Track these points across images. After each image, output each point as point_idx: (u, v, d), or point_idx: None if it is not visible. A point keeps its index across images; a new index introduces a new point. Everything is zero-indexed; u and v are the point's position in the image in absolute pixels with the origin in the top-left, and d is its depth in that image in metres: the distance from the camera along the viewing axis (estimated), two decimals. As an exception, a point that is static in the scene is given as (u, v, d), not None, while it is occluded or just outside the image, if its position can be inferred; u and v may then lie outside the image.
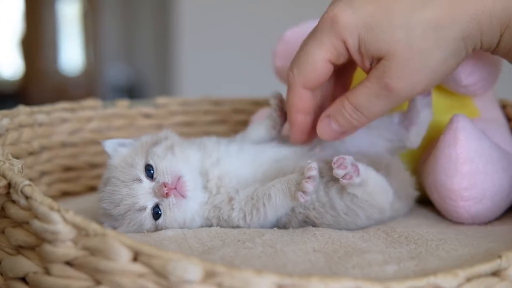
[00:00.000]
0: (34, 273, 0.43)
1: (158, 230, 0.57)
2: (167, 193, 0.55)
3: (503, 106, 0.75)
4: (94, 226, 0.40)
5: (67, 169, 0.83)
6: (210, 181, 0.59)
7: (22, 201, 0.43)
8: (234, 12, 2.36)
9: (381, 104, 0.54)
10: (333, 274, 0.43)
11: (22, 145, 0.71)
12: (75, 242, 0.40)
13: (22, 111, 0.73)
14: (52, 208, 0.41)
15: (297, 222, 0.58)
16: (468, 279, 0.39)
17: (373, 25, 0.51)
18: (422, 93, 0.54)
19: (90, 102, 0.86)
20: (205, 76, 2.28)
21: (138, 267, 0.38)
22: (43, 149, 0.78)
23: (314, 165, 0.53)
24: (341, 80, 0.61)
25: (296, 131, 0.60)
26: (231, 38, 2.21)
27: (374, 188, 0.55)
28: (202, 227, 0.58)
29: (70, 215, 0.40)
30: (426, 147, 0.68)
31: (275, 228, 0.58)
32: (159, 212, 0.56)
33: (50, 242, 0.41)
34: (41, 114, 0.77)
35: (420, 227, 0.58)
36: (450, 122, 0.62)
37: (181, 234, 0.55)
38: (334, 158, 0.54)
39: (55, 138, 0.80)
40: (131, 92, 3.68)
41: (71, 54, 4.26)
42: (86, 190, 0.85)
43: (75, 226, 0.40)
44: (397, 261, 0.46)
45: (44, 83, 4.04)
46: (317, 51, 0.54)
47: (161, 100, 0.93)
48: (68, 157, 0.83)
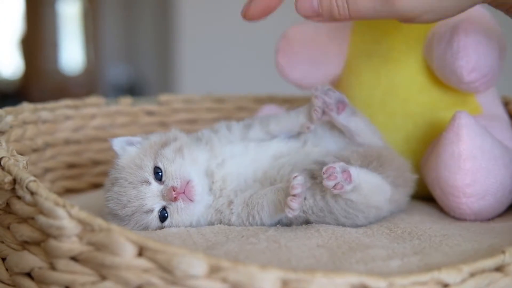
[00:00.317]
0: (40, 268, 0.43)
1: None
2: (176, 197, 0.55)
3: (506, 103, 0.75)
4: (99, 222, 0.40)
5: (71, 166, 0.83)
6: (215, 182, 0.59)
7: (28, 196, 0.43)
8: (236, 9, 2.35)
9: (372, 6, 0.52)
10: (337, 269, 0.44)
11: (26, 142, 0.71)
12: (80, 237, 0.41)
13: (26, 108, 0.73)
14: (57, 203, 0.41)
15: (299, 223, 0.58)
16: (471, 274, 0.39)
17: None
18: (416, 18, 0.52)
19: (93, 100, 0.86)
20: (206, 74, 2.28)
21: (143, 262, 0.38)
22: (47, 146, 0.78)
23: (297, 181, 0.52)
24: None
25: (261, 6, 0.56)
26: (233, 36, 2.20)
27: (369, 190, 0.55)
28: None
29: (75, 211, 0.41)
30: (429, 144, 0.68)
31: (278, 225, 0.58)
32: (166, 214, 0.56)
33: (55, 237, 0.41)
34: (44, 111, 0.77)
35: (423, 223, 0.58)
36: (453, 119, 0.62)
37: (185, 231, 0.55)
38: (324, 168, 0.52)
39: (59, 135, 0.80)
40: (132, 91, 3.67)
41: (72, 53, 4.26)
42: (90, 187, 0.85)
43: (80, 221, 0.40)
44: (400, 256, 0.46)
45: (44, 83, 4.05)
46: None
47: (164, 97, 0.93)
48: (71, 154, 0.83)
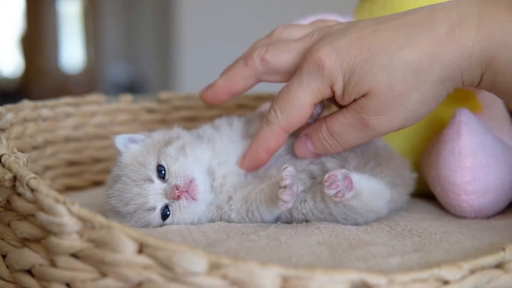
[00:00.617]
0: (40, 265, 0.43)
1: None
2: (179, 195, 0.55)
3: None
4: (99, 219, 0.40)
5: (71, 163, 0.83)
6: (216, 180, 0.59)
7: (28, 194, 0.43)
8: (235, 8, 2.36)
9: (355, 135, 0.54)
10: (337, 266, 0.44)
11: (26, 139, 0.71)
12: (81, 234, 0.40)
13: (27, 106, 0.73)
14: (57, 200, 0.41)
15: (299, 221, 0.57)
16: (472, 271, 0.39)
17: (356, 68, 0.51)
18: (400, 129, 0.54)
19: (94, 97, 0.86)
20: (206, 73, 2.27)
21: (143, 259, 0.38)
22: (47, 143, 0.78)
23: (287, 172, 0.52)
24: None
25: (252, 164, 0.59)
26: (232, 34, 2.21)
27: (369, 196, 0.55)
28: None
29: (75, 208, 0.41)
30: (429, 141, 0.68)
31: (279, 222, 0.58)
32: (168, 212, 0.56)
33: (55, 234, 0.41)
34: (45, 108, 0.78)
35: (423, 221, 0.58)
36: (453, 116, 0.62)
37: (185, 228, 0.55)
38: (326, 176, 0.53)
39: (59, 132, 0.80)
40: (132, 90, 3.68)
41: (72, 52, 4.27)
42: (90, 184, 0.85)
43: (81, 218, 0.40)
44: (401, 253, 0.46)
45: (44, 81, 4.05)
46: (303, 96, 0.54)
47: (164, 95, 0.93)
48: (72, 151, 0.83)
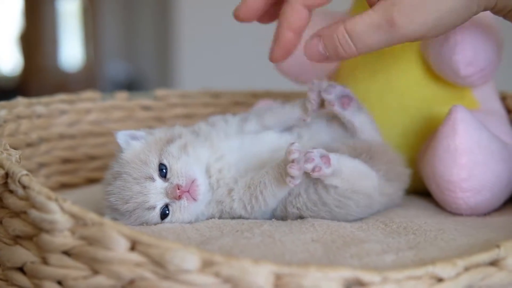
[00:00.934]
0: (32, 262, 0.43)
1: None
2: (180, 195, 0.55)
3: (503, 98, 0.75)
4: (91, 216, 0.40)
5: (66, 161, 0.82)
6: (212, 176, 0.59)
7: (20, 191, 0.43)
8: (234, 6, 2.35)
9: (377, 37, 0.53)
10: (331, 264, 0.43)
11: (20, 136, 0.71)
12: (73, 231, 0.40)
13: (21, 103, 0.72)
14: (49, 197, 0.41)
15: (293, 218, 0.57)
16: (466, 269, 0.38)
17: None
18: (422, 37, 0.53)
19: (88, 94, 0.85)
20: (205, 71, 2.28)
21: (135, 257, 0.38)
22: (42, 140, 0.77)
23: (295, 146, 0.52)
24: None
25: (281, 48, 0.58)
26: (231, 33, 2.20)
27: (351, 175, 0.55)
28: None
29: (67, 205, 0.40)
30: (425, 138, 0.68)
31: (273, 219, 0.57)
32: (167, 212, 0.56)
33: (47, 231, 0.41)
34: (39, 105, 0.77)
35: (418, 218, 0.58)
36: (449, 113, 0.61)
37: (179, 226, 0.54)
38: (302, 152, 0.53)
39: (54, 129, 0.80)
40: (131, 88, 3.67)
41: (71, 50, 4.26)
42: (85, 182, 0.84)
43: (73, 215, 0.40)
44: (395, 250, 0.46)
45: (43, 79, 4.04)
46: None
47: (160, 92, 0.93)
48: (66, 149, 0.82)
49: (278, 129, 0.63)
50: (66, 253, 0.41)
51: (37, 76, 4.07)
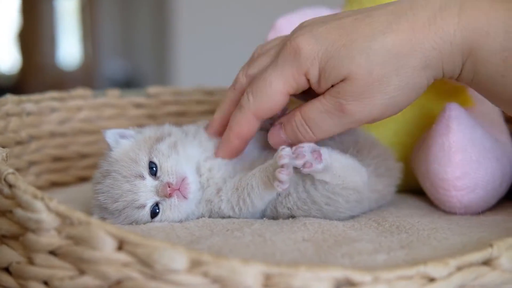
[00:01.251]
0: (18, 263, 0.42)
1: None
2: (170, 193, 0.55)
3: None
4: (78, 215, 0.39)
5: (56, 159, 0.82)
6: (202, 175, 0.59)
7: (6, 189, 0.43)
8: (231, 3, 2.35)
9: (331, 123, 0.53)
10: (322, 263, 0.43)
11: (9, 134, 0.70)
12: (59, 231, 0.40)
13: (10, 100, 0.72)
14: (35, 196, 0.40)
15: (285, 218, 0.57)
16: (458, 268, 0.38)
17: (334, 53, 0.50)
18: (378, 119, 0.53)
19: (79, 92, 0.84)
20: (203, 70, 2.28)
21: (123, 256, 0.37)
22: (32, 138, 0.76)
23: (285, 151, 0.52)
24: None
25: (226, 151, 0.58)
26: (228, 31, 2.20)
27: (341, 170, 0.54)
28: None
29: (53, 204, 0.40)
30: (419, 136, 0.67)
31: (265, 218, 0.57)
32: (157, 210, 0.55)
33: (33, 231, 0.40)
34: (29, 103, 0.76)
35: (411, 217, 0.57)
36: (443, 111, 0.61)
37: (169, 225, 0.54)
38: (293, 148, 0.52)
39: (44, 127, 0.79)
40: (129, 86, 3.68)
41: (69, 48, 4.27)
42: (76, 180, 0.84)
43: (59, 214, 0.39)
44: (387, 250, 0.46)
45: (41, 77, 4.03)
46: (276, 83, 0.53)
47: (152, 89, 0.92)
48: (57, 147, 0.81)
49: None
50: (53, 252, 0.40)
51: (35, 74, 4.07)
